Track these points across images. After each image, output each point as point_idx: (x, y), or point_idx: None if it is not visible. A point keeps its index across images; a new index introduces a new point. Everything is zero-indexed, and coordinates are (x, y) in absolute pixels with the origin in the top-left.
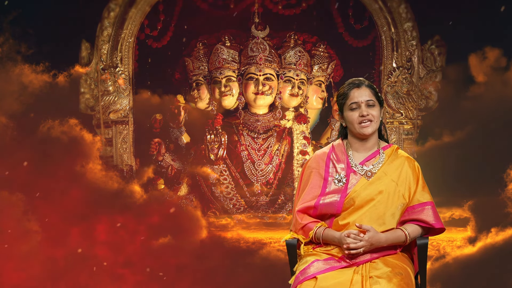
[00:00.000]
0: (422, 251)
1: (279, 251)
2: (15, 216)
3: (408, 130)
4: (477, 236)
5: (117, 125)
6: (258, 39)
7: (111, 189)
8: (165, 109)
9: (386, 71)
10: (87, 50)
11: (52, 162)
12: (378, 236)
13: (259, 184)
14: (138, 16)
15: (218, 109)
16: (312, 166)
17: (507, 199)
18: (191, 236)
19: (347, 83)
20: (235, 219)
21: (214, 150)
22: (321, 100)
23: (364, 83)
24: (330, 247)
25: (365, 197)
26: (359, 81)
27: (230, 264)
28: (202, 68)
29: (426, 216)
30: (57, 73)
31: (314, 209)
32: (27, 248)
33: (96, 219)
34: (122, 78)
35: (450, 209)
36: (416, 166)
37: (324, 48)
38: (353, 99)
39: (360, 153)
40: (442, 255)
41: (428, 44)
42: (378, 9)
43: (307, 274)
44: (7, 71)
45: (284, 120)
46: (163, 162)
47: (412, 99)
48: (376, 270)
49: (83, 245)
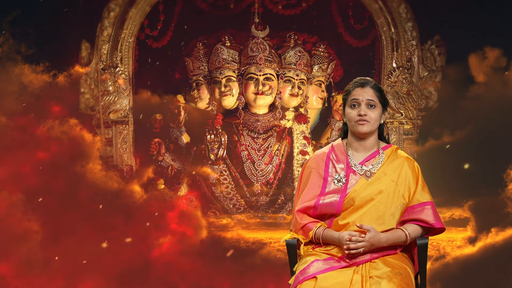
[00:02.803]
0: (422, 251)
1: (279, 251)
2: (15, 216)
3: (408, 130)
4: (477, 236)
5: (117, 125)
6: (258, 39)
7: (111, 189)
8: (165, 109)
9: (386, 71)
10: (87, 50)
11: (52, 162)
12: (378, 236)
13: (259, 184)
14: (138, 16)
15: (218, 109)
16: (311, 166)
17: (507, 199)
18: (191, 236)
19: (354, 80)
20: (235, 219)
21: (214, 150)
22: (321, 100)
23: (370, 83)
24: (329, 247)
25: (365, 197)
26: (365, 81)
27: (230, 264)
28: (202, 68)
29: (426, 216)
30: (57, 73)
31: (314, 209)
32: (27, 248)
33: (96, 219)
34: (122, 78)
35: (450, 209)
36: (415, 166)
37: (324, 48)
38: (354, 96)
39: (359, 153)
40: (442, 255)
41: (428, 44)
42: (378, 9)
43: (307, 274)
44: (7, 71)
45: (284, 120)
46: (163, 162)
47: (412, 99)
48: (376, 270)
49: (83, 245)
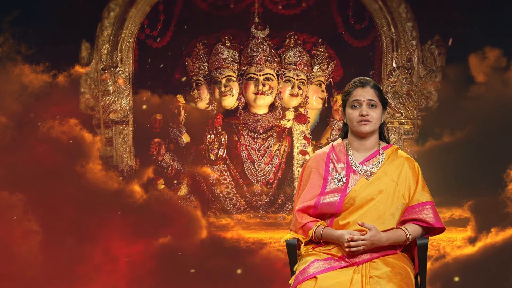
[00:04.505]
0: (422, 251)
1: (279, 251)
2: (15, 216)
3: (408, 130)
4: (477, 236)
5: (117, 125)
6: (258, 39)
7: (111, 189)
8: (165, 109)
9: (386, 71)
10: (87, 50)
11: (52, 162)
12: (379, 236)
13: (259, 184)
14: (138, 16)
15: (218, 109)
16: (312, 165)
17: (507, 199)
18: (191, 236)
19: (353, 81)
20: (235, 219)
21: (214, 150)
22: (321, 100)
23: (370, 83)
24: (329, 246)
25: (365, 196)
26: (365, 81)
27: (230, 264)
28: (202, 68)
29: (426, 215)
30: (57, 73)
31: (314, 208)
32: (27, 248)
33: (96, 219)
34: (122, 78)
35: (450, 209)
36: (415, 166)
37: (324, 48)
38: (355, 97)
39: (360, 153)
40: (442, 255)
41: (428, 44)
42: (378, 9)
43: (306, 274)
44: (7, 71)
45: (284, 120)
46: (163, 162)
47: (412, 99)
48: (376, 270)
49: (83, 245)
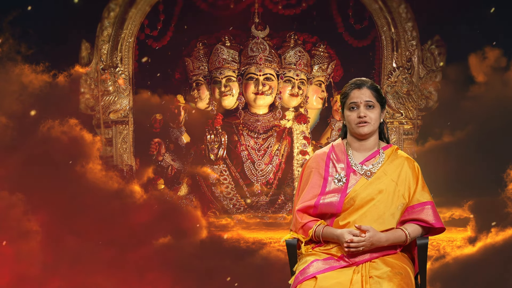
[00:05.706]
0: (422, 251)
1: (279, 251)
2: (15, 216)
3: (408, 130)
4: (477, 236)
5: (117, 125)
6: (258, 39)
7: (111, 189)
8: (165, 109)
9: (386, 71)
10: (87, 50)
11: (52, 162)
12: (378, 236)
13: (259, 184)
14: (138, 16)
15: (218, 109)
16: (312, 165)
17: (507, 199)
18: (191, 236)
19: (350, 82)
20: (235, 219)
21: (214, 150)
22: (321, 100)
23: (366, 84)
24: (329, 246)
25: (365, 196)
26: (361, 82)
27: (230, 264)
28: (202, 68)
29: (426, 215)
30: (57, 73)
31: (314, 208)
32: (27, 248)
33: (96, 219)
34: (122, 78)
35: (450, 209)
36: (415, 166)
37: (324, 48)
38: (353, 99)
39: (360, 153)
40: (442, 255)
41: (428, 44)
42: (378, 9)
43: (306, 274)
44: (7, 71)
45: (284, 120)
46: (163, 162)
47: (412, 99)
48: (376, 270)
49: (83, 245)
